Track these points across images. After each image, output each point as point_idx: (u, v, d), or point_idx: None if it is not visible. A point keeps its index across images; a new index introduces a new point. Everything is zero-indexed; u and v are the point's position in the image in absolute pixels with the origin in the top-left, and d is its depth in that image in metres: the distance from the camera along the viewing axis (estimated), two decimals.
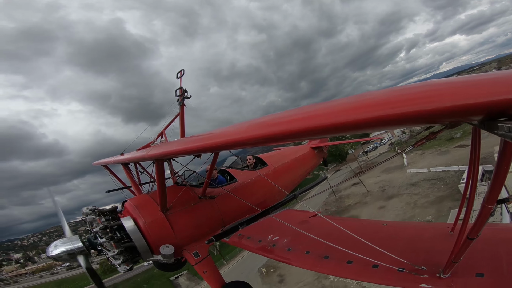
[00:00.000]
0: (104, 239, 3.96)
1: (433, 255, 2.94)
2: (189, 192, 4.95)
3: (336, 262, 3.39)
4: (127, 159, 4.95)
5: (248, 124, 2.20)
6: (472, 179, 2.48)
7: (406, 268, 2.83)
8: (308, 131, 1.67)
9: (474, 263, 2.63)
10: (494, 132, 1.27)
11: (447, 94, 1.22)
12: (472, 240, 2.19)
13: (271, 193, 6.18)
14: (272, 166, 6.70)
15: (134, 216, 4.28)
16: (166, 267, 6.60)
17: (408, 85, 1.63)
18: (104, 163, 6.86)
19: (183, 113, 6.57)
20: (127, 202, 4.59)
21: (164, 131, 6.98)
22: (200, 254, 4.47)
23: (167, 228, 4.34)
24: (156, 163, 3.89)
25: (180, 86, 6.59)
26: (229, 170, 6.09)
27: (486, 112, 1.20)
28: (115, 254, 3.98)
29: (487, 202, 1.90)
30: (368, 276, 3.00)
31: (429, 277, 2.68)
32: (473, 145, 2.32)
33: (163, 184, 4.14)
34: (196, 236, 4.67)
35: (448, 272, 2.59)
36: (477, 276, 2.52)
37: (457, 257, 2.43)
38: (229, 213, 5.19)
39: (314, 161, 8.67)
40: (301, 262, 3.73)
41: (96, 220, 4.14)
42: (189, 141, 3.11)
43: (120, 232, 4.14)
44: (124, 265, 4.06)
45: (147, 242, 4.17)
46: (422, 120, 1.32)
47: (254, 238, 4.69)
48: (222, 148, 2.46)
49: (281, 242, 4.28)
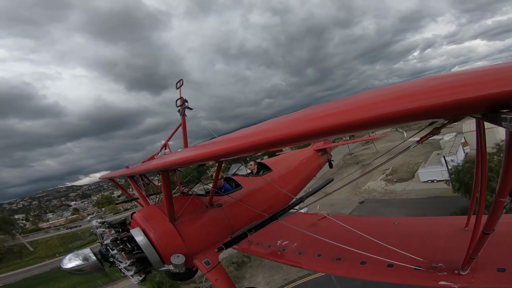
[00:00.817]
0: (116, 251, 3.98)
1: (449, 252, 2.88)
2: (196, 201, 4.96)
3: (349, 264, 3.34)
4: (132, 172, 4.99)
5: (249, 131, 2.20)
6: (481, 172, 2.44)
7: (422, 266, 2.77)
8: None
9: (494, 258, 2.57)
10: (498, 123, 1.26)
11: (448, 88, 1.22)
12: (488, 235, 2.14)
13: (277, 198, 6.14)
14: (277, 171, 6.68)
15: (143, 227, 4.30)
16: (178, 276, 6.57)
17: (409, 81, 1.63)
18: (110, 177, 6.91)
19: (185, 123, 6.62)
20: (136, 214, 4.61)
21: (167, 143, 7.03)
22: (211, 262, 4.45)
23: (177, 238, 4.34)
24: (161, 174, 3.91)
25: (180, 96, 6.66)
26: (234, 178, 6.09)
27: (489, 104, 1.19)
28: (127, 265, 4.00)
29: (499, 195, 1.85)
30: (384, 276, 2.94)
31: (447, 274, 2.62)
32: (478, 138, 2.28)
33: (170, 195, 4.16)
34: (205, 244, 4.65)
35: (467, 268, 2.52)
36: (499, 271, 2.45)
37: (474, 252, 2.37)
38: (237, 220, 5.17)
39: (318, 164, 8.60)
40: (314, 265, 3.68)
41: (106, 233, 4.16)
42: (192, 150, 3.13)
43: (130, 244, 4.16)
44: (137, 276, 4.07)
45: (157, 253, 4.17)
46: (424, 116, 1.31)
47: (263, 244, 4.66)
48: (225, 156, 2.46)
49: (291, 247, 4.24)
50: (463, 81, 1.22)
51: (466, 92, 1.15)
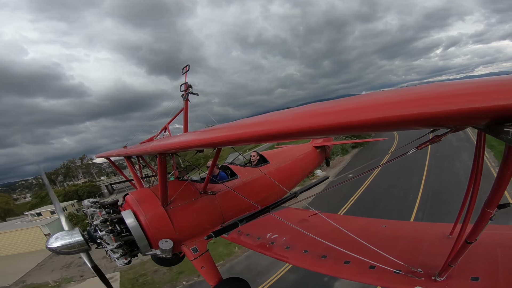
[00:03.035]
0: (104, 232, 3.97)
1: (430, 258, 2.93)
2: (191, 187, 4.97)
3: (333, 262, 3.39)
4: (129, 152, 4.98)
5: (250, 121, 2.19)
6: (475, 182, 2.46)
7: (402, 270, 2.82)
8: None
9: (470, 266, 2.63)
10: (499, 136, 1.25)
11: (453, 97, 1.20)
12: (470, 244, 2.19)
13: (272, 191, 6.18)
14: (274, 163, 6.69)
15: (134, 210, 4.30)
16: (165, 261, 6.66)
17: (414, 87, 1.61)
18: (107, 156, 6.91)
19: (187, 108, 6.60)
20: (128, 196, 4.62)
21: (167, 126, 7.01)
22: (199, 249, 4.49)
23: (167, 223, 4.36)
24: (158, 157, 3.90)
25: (185, 81, 6.61)
26: (231, 166, 6.10)
27: (492, 116, 1.18)
28: (114, 247, 3.99)
29: (487, 207, 1.88)
30: (364, 277, 3.00)
31: (424, 280, 2.68)
32: (477, 149, 2.30)
33: (165, 178, 4.16)
34: (195, 231, 4.69)
35: (444, 275, 2.58)
36: (472, 280, 2.51)
37: (454, 260, 2.43)
38: (229, 210, 5.20)
39: (316, 161, 8.63)
40: (299, 260, 3.73)
41: (97, 213, 4.16)
42: (191, 135, 3.11)
43: (120, 226, 4.16)
44: (122, 259, 4.07)
45: (146, 236, 4.18)
46: (427, 123, 1.30)
47: (253, 235, 4.71)
48: (223, 144, 2.46)
49: (280, 240, 4.29)
50: (469, 90, 1.21)
51: (472, 101, 1.14)
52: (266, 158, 6.76)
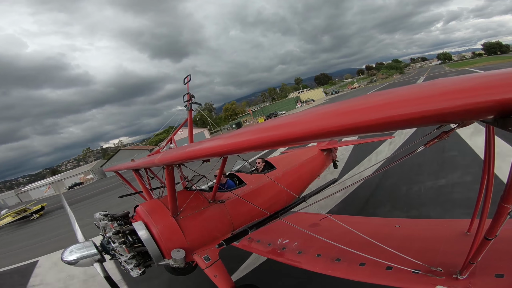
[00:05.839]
0: (117, 244, 4.02)
1: (449, 256, 2.85)
2: (199, 196, 5.00)
3: (348, 265, 3.33)
4: (137, 165, 5.04)
5: (254, 129, 2.20)
6: (488, 176, 2.41)
7: (421, 270, 2.75)
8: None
9: (493, 263, 2.54)
10: (508, 129, 1.24)
11: (459, 92, 1.20)
12: (490, 241, 2.13)
13: (280, 196, 6.15)
14: (280, 169, 6.68)
15: (145, 221, 4.34)
16: (178, 271, 6.65)
17: (417, 84, 1.61)
18: (115, 170, 7.00)
19: (191, 118, 6.68)
20: (139, 207, 4.67)
21: (173, 137, 7.09)
22: (211, 258, 4.48)
23: (178, 233, 4.38)
24: (166, 168, 3.95)
25: (188, 92, 6.71)
26: (238, 174, 6.11)
27: (500, 109, 1.17)
28: (128, 258, 4.04)
29: (504, 202, 1.83)
30: (381, 278, 2.94)
31: (445, 279, 2.60)
32: (487, 142, 2.26)
33: (173, 189, 4.19)
34: (206, 240, 4.69)
35: (465, 273, 2.51)
36: (497, 276, 2.43)
37: (474, 257, 2.36)
38: (238, 217, 5.20)
39: (323, 164, 8.57)
40: (312, 265, 3.69)
41: (109, 225, 4.22)
42: (197, 146, 3.14)
43: (132, 237, 4.21)
44: (136, 269, 4.11)
45: (158, 247, 4.21)
46: (433, 120, 1.30)
47: (264, 241, 4.67)
48: (231, 152, 2.48)
49: (291, 245, 4.25)
50: (476, 85, 1.20)
51: (480, 96, 1.13)
52: (272, 163, 6.75)
